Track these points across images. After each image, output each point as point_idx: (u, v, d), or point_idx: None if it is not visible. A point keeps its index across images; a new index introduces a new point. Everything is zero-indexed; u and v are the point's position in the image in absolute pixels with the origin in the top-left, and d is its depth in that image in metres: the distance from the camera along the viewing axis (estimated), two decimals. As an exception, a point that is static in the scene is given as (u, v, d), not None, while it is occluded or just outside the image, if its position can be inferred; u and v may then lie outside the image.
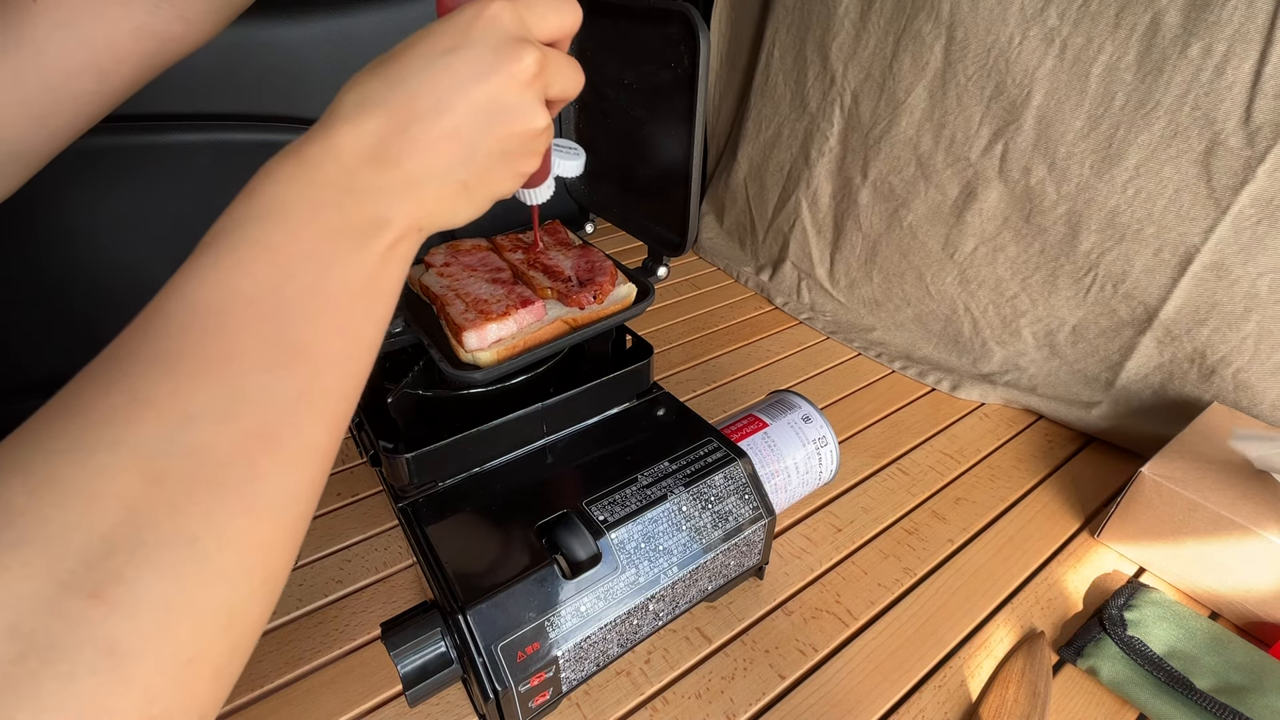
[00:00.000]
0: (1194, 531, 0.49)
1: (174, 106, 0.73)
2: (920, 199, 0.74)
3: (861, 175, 0.80)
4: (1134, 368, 0.63)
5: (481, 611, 0.35)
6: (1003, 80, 0.64)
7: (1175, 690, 0.42)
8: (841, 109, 0.80)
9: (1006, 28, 0.62)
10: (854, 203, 0.81)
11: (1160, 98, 0.55)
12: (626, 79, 0.43)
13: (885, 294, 0.82)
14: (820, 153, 0.83)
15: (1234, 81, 0.51)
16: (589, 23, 0.45)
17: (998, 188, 0.67)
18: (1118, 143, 0.58)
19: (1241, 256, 0.54)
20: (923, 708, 0.43)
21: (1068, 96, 0.60)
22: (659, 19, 0.38)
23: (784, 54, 0.85)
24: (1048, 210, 0.64)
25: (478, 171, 0.26)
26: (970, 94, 0.67)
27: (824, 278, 0.88)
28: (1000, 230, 0.69)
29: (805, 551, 0.54)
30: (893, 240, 0.79)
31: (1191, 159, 0.55)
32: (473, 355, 0.40)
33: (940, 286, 0.75)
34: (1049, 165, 0.63)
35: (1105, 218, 0.60)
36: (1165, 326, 0.59)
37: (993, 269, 0.70)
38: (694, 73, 0.36)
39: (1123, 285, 0.61)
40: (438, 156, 0.24)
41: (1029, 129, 0.63)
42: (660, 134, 0.42)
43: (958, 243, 0.72)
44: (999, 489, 0.60)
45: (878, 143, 0.76)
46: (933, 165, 0.72)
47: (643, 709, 0.43)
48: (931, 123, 0.71)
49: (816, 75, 0.81)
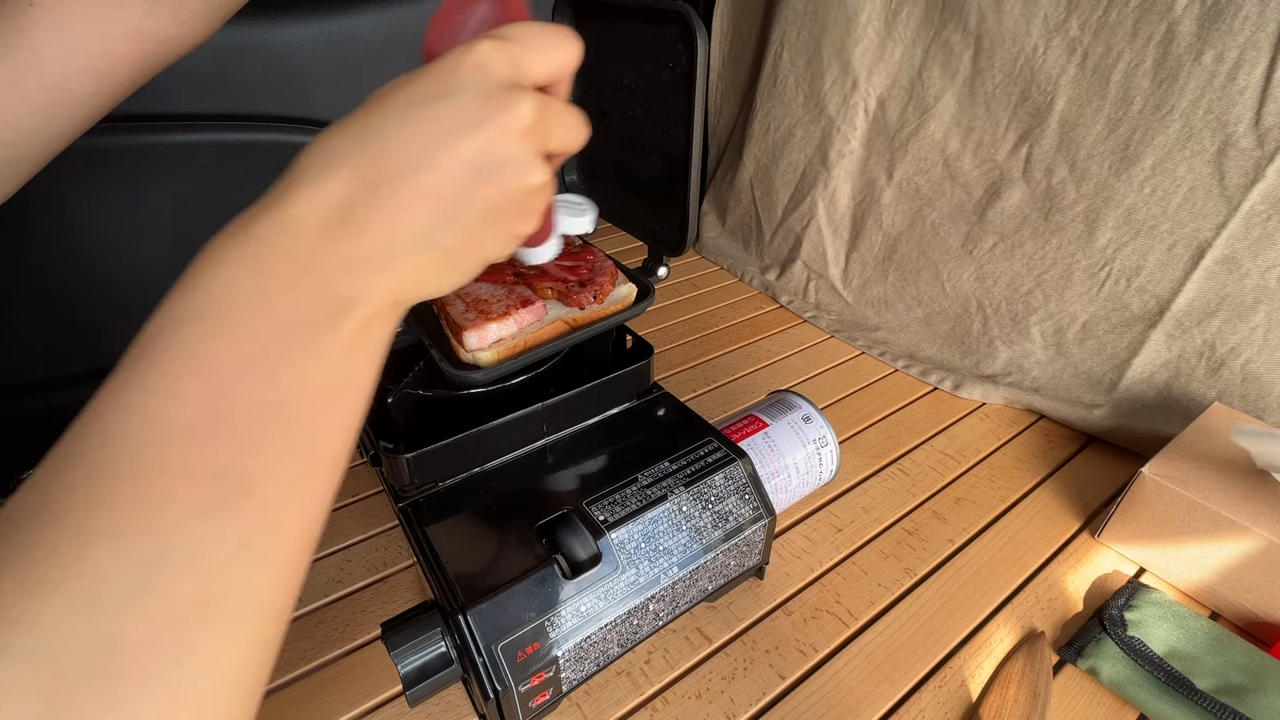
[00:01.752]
0: (1194, 531, 0.49)
1: (174, 106, 0.73)
2: (946, 198, 0.77)
3: (887, 176, 0.82)
4: (1141, 364, 0.64)
5: (481, 611, 0.35)
6: (1028, 87, 0.67)
7: (1175, 690, 0.42)
8: (866, 112, 0.82)
9: (1031, 38, 0.66)
10: (876, 202, 0.84)
11: (1175, 102, 0.58)
12: (625, 79, 0.43)
13: (898, 293, 0.83)
14: (840, 154, 0.86)
15: (1245, 87, 0.54)
16: (586, 23, 0.46)
17: (1021, 187, 0.70)
18: (1135, 144, 0.61)
19: (1252, 251, 0.57)
20: (923, 708, 0.43)
21: (1089, 101, 0.64)
22: (656, 19, 0.38)
23: (795, 57, 0.87)
24: (1066, 209, 0.67)
25: (464, 236, 0.22)
26: (998, 100, 0.70)
27: (836, 277, 0.89)
28: (1019, 228, 0.71)
29: (805, 551, 0.54)
30: (914, 237, 0.81)
31: (1205, 159, 0.57)
32: (473, 355, 0.40)
33: (956, 283, 0.77)
34: (1070, 166, 0.66)
35: (1122, 215, 0.63)
36: (1177, 319, 0.62)
37: (1010, 264, 0.72)
38: (692, 73, 0.36)
39: (1136, 279, 0.63)
40: (414, 219, 0.20)
41: (1052, 132, 0.66)
42: (659, 134, 0.41)
43: (978, 239, 0.75)
44: (999, 489, 0.60)
45: (904, 145, 0.79)
46: (959, 166, 0.75)
47: (643, 709, 0.43)
48: (960, 127, 0.74)
49: (835, 79, 0.83)
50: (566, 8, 0.46)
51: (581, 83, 0.49)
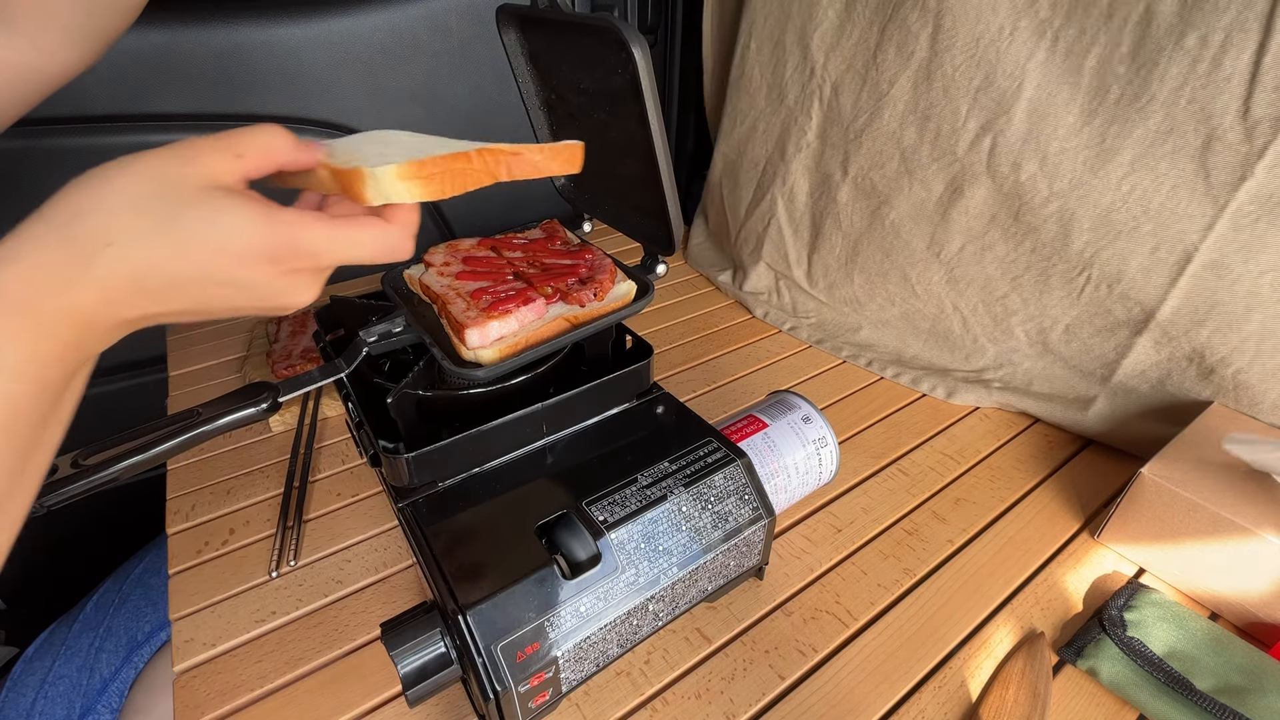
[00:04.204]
0: (1194, 532, 0.49)
1: (174, 106, 0.73)
2: (904, 196, 0.72)
3: (842, 171, 0.76)
4: (1130, 366, 0.62)
5: (481, 612, 0.35)
6: (992, 71, 0.61)
7: (1175, 691, 0.42)
8: (821, 101, 0.76)
9: (997, 17, 0.60)
10: (833, 200, 0.78)
11: (1156, 91, 0.53)
12: (582, 84, 0.43)
13: (868, 294, 0.79)
14: (798, 148, 0.80)
15: (1232, 74, 0.49)
16: (532, 31, 0.45)
17: (985, 184, 0.65)
18: (1112, 138, 0.56)
19: (1242, 255, 0.53)
20: (923, 708, 0.43)
21: (1059, 89, 0.58)
22: (593, 32, 0.38)
23: (761, 45, 0.81)
24: (1038, 208, 0.62)
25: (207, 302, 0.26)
26: (957, 85, 0.64)
27: (801, 279, 0.85)
28: (988, 228, 0.67)
29: (805, 552, 0.54)
30: (874, 239, 0.76)
31: (1188, 154, 0.53)
32: (475, 353, 0.40)
33: (927, 286, 0.73)
34: (1040, 161, 0.61)
35: (1099, 215, 0.59)
36: (1163, 327, 0.58)
37: (981, 268, 0.68)
38: (638, 81, 0.35)
39: (1118, 285, 0.59)
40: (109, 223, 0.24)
41: (1019, 122, 0.61)
42: (626, 137, 0.41)
43: (944, 241, 0.70)
44: (999, 490, 0.60)
45: (859, 137, 0.73)
46: (917, 160, 0.69)
47: (643, 709, 0.43)
48: (916, 115, 0.68)
49: (796, 67, 0.77)
50: (510, 19, 0.46)
51: (545, 87, 0.49)
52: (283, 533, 0.54)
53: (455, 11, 0.85)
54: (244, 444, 0.64)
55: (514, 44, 0.47)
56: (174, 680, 0.44)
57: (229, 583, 0.50)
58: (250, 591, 0.50)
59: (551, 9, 0.41)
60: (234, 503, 0.58)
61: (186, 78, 0.72)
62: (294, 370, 0.69)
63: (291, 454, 0.62)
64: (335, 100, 0.83)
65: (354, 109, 0.84)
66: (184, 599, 0.49)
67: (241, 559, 0.52)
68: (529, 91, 0.50)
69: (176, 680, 0.44)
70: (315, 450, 0.63)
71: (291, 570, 0.51)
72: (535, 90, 0.50)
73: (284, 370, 0.69)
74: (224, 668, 0.44)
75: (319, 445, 0.64)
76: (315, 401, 0.68)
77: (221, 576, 0.51)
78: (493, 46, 0.51)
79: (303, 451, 0.62)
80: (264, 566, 0.51)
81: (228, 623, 0.47)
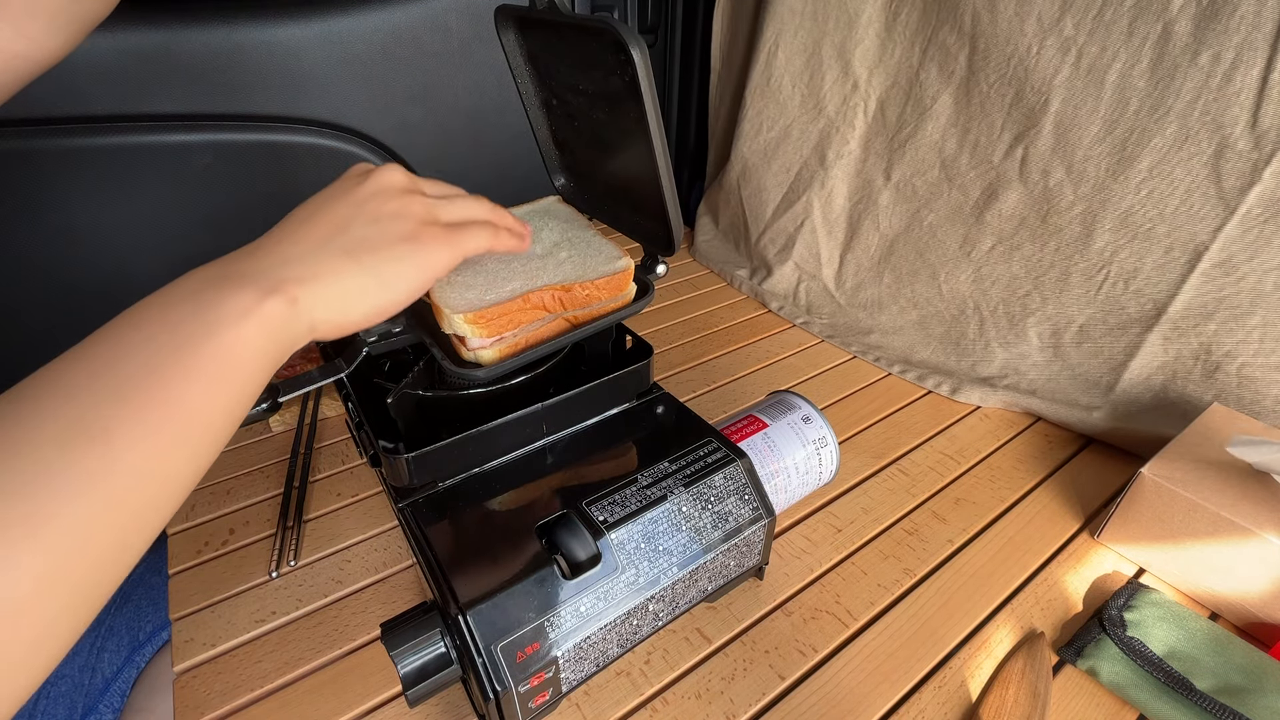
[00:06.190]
0: (1194, 532, 0.49)
1: (174, 106, 0.73)
2: (943, 200, 0.77)
3: (884, 177, 0.82)
4: (1137, 367, 0.64)
5: (481, 612, 0.35)
6: (1022, 87, 0.67)
7: (1175, 691, 0.42)
8: (865, 113, 0.82)
9: (1025, 38, 0.65)
10: (873, 204, 0.83)
11: (1172, 103, 0.57)
12: (581, 85, 0.43)
13: (893, 295, 0.83)
14: (839, 155, 0.85)
15: (1242, 88, 0.54)
16: (530, 32, 0.45)
17: (1018, 189, 0.70)
18: (1132, 146, 0.61)
19: (1248, 254, 0.56)
20: (923, 708, 0.43)
21: (1084, 102, 0.63)
22: (591, 34, 0.38)
23: (791, 56, 0.86)
24: (1064, 210, 0.66)
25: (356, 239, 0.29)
26: (993, 101, 0.70)
27: (830, 278, 0.89)
28: (1017, 230, 0.71)
29: (805, 552, 0.54)
30: (911, 239, 0.80)
31: (1202, 161, 0.57)
32: (475, 353, 0.40)
33: (953, 285, 0.77)
34: (1067, 168, 0.65)
35: (1119, 217, 0.63)
36: (1173, 322, 0.61)
37: (1008, 267, 0.72)
38: (637, 84, 0.35)
39: (1133, 282, 0.63)
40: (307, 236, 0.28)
41: (1048, 133, 0.66)
42: (624, 137, 0.41)
43: (976, 241, 0.74)
44: (999, 490, 0.60)
45: (902, 146, 0.79)
46: (956, 168, 0.75)
47: (642, 709, 0.43)
48: (956, 128, 0.74)
49: (836, 80, 0.83)
50: (508, 20, 0.46)
51: (544, 87, 0.49)
52: (283, 533, 0.54)
53: (455, 11, 0.85)
54: (244, 444, 0.64)
55: (512, 45, 0.47)
56: (174, 680, 0.44)
57: (229, 583, 0.50)
58: (250, 591, 0.50)
59: (550, 10, 0.41)
60: (234, 503, 0.58)
61: (187, 78, 0.72)
62: (294, 370, 0.69)
63: (291, 454, 0.62)
64: (335, 100, 0.83)
65: (354, 109, 0.84)
66: (184, 599, 0.49)
67: (241, 559, 0.52)
68: (528, 92, 0.50)
69: (176, 680, 0.44)
70: (315, 450, 0.63)
71: (291, 570, 0.51)
72: (534, 91, 0.50)
73: (284, 370, 0.69)
74: (224, 668, 0.44)
75: (319, 445, 0.64)
76: (315, 401, 0.68)
77: (221, 577, 0.51)
78: (493, 46, 0.51)
79: (303, 451, 0.62)
80: (264, 566, 0.51)
81: (228, 623, 0.47)
